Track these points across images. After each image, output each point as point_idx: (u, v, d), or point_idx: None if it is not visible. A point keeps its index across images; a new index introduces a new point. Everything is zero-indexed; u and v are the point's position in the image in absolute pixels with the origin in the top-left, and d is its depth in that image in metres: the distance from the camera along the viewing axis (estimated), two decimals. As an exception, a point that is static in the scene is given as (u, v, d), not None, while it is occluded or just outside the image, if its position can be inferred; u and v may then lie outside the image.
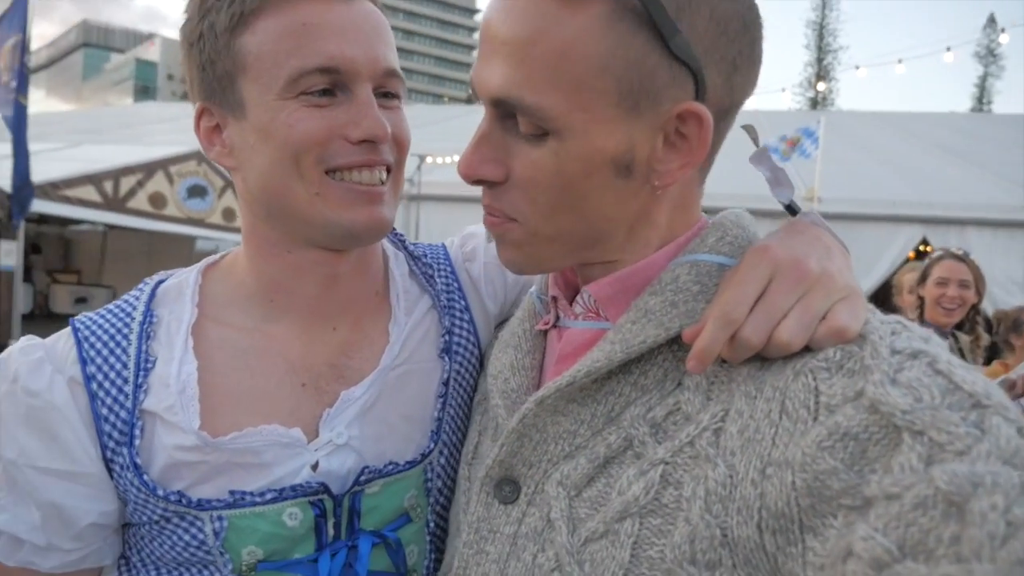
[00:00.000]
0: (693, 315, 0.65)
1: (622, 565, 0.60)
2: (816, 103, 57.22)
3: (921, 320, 2.95)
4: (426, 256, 0.99)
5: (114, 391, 0.79)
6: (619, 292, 0.71)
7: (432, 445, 0.88)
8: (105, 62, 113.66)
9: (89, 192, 13.85)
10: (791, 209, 0.76)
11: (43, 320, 17.41)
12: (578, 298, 0.75)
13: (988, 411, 0.50)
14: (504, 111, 0.66)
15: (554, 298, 0.79)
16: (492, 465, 0.72)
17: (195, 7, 0.81)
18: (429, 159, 16.95)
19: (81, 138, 21.37)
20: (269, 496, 0.79)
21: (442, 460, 0.89)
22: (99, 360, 0.80)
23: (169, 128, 21.76)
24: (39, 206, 12.28)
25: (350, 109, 0.78)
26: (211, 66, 0.80)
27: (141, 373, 0.80)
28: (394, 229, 1.00)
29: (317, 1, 0.77)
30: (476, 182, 0.69)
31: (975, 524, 0.44)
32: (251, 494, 0.79)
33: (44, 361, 0.80)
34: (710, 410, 0.62)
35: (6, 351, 0.82)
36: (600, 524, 0.63)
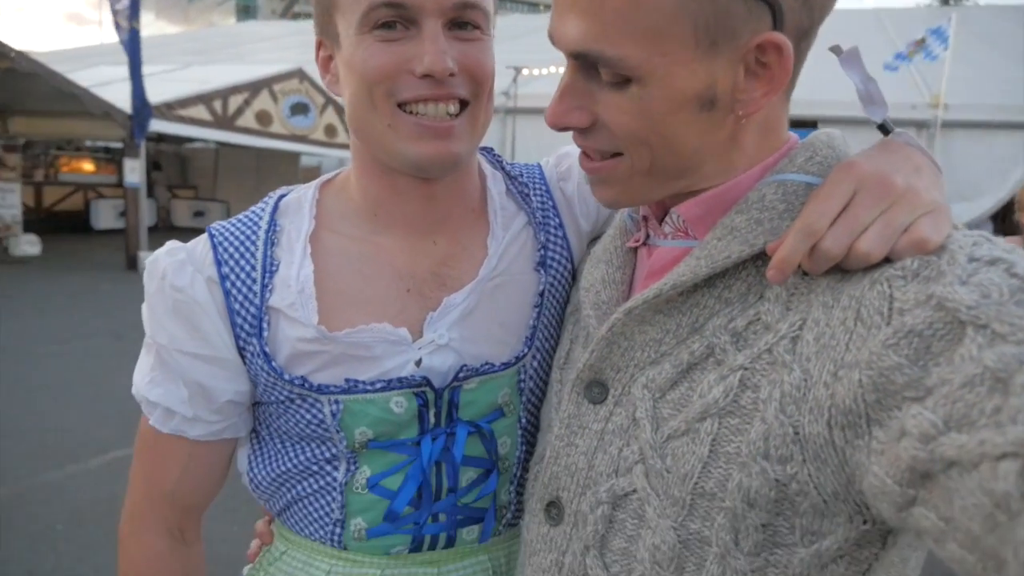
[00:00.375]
0: (777, 232, 0.66)
1: (701, 459, 0.64)
2: (947, -1, 51.86)
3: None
4: (522, 176, 1.02)
5: (244, 289, 0.88)
6: (707, 212, 0.72)
7: (526, 350, 0.93)
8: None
9: (200, 111, 14.47)
10: (884, 128, 0.74)
11: (165, 232, 18.61)
12: (667, 218, 0.77)
13: None
14: (585, 62, 0.67)
15: (644, 217, 0.81)
16: (583, 368, 0.76)
17: None
18: (525, 71, 16.65)
19: (190, 59, 22.17)
20: (379, 385, 0.87)
21: (535, 364, 0.95)
22: (231, 262, 0.89)
23: (270, 47, 22.23)
24: (156, 126, 12.96)
25: (417, 43, 0.80)
26: (319, 3, 0.86)
27: (267, 275, 0.88)
28: (491, 150, 1.04)
29: None
30: (563, 129, 0.71)
31: (1016, 394, 0.45)
32: (363, 383, 0.87)
33: (186, 262, 0.89)
34: (788, 319, 0.63)
35: (155, 253, 0.92)
36: (682, 423, 0.67)
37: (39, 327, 7.74)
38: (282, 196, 0.96)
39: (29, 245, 13.17)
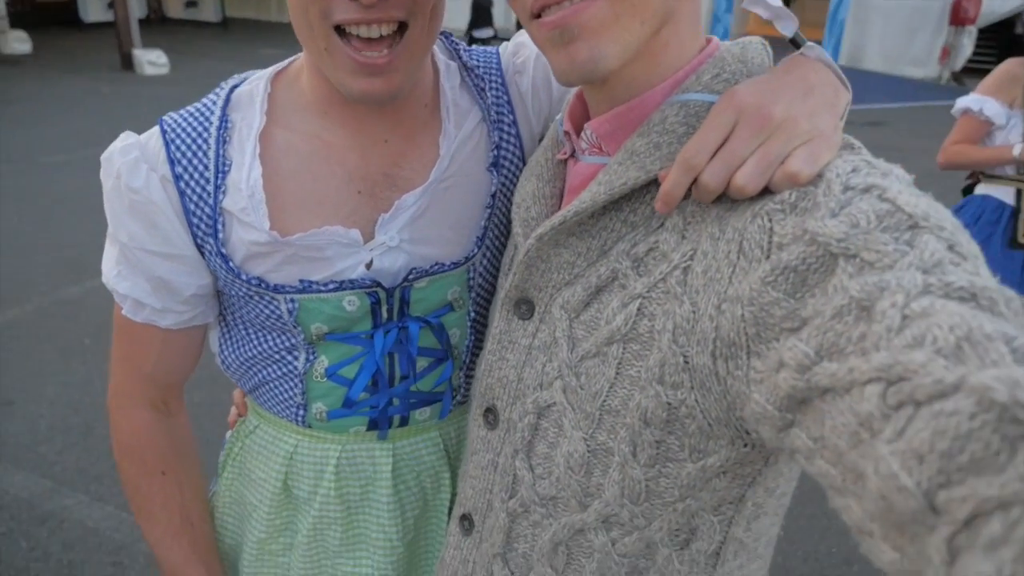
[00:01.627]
0: (673, 158, 0.66)
1: (609, 380, 0.69)
2: None
3: None
4: (479, 67, 0.97)
5: (199, 189, 0.88)
6: (617, 128, 0.72)
7: (476, 250, 0.94)
8: None
9: None
10: (795, 42, 0.72)
11: (158, 25, 17.75)
12: (582, 134, 0.76)
13: (922, 230, 0.52)
14: None
15: (567, 132, 0.79)
16: (509, 288, 0.79)
17: None
18: None
19: None
20: (331, 286, 0.89)
21: (484, 263, 0.97)
22: (184, 161, 0.88)
23: None
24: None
25: None
26: None
27: (219, 175, 0.88)
28: (449, 34, 0.98)
29: None
30: None
31: (877, 321, 0.47)
32: (316, 283, 0.89)
33: (140, 160, 0.88)
34: (681, 249, 0.65)
35: (107, 150, 0.90)
36: (592, 346, 0.71)
37: (40, 135, 7.69)
38: (234, 87, 0.93)
39: (19, 43, 12.67)
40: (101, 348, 3.77)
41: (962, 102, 2.68)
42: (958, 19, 13.98)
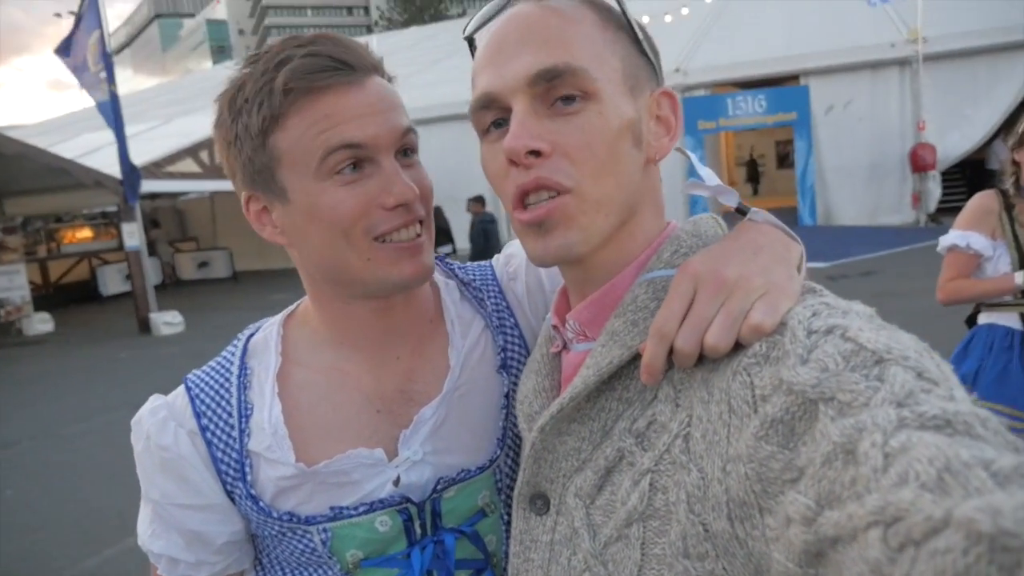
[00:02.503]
0: None
1: (636, 563, 0.67)
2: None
3: (1017, 186, 2.67)
4: (475, 280, 1.06)
5: (224, 437, 0.92)
6: (596, 314, 0.77)
7: (498, 451, 0.96)
8: (179, 29, 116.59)
9: (189, 164, 14.60)
10: (740, 211, 0.80)
11: (173, 288, 18.82)
12: (567, 324, 0.81)
13: (888, 363, 0.54)
14: (542, 89, 0.71)
15: (554, 326, 0.84)
16: (522, 485, 0.79)
17: (226, 109, 0.88)
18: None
19: (172, 111, 22.34)
20: (362, 509, 0.90)
21: (508, 463, 0.98)
22: (209, 413, 0.93)
23: (248, 86, 22.29)
24: (148, 186, 13.08)
25: (379, 180, 0.85)
26: (250, 163, 0.87)
27: (243, 419, 0.92)
28: (442, 257, 1.08)
29: (334, 93, 0.84)
30: (527, 155, 0.71)
31: (862, 463, 0.48)
32: (347, 508, 0.90)
33: (168, 419, 0.92)
34: (678, 418, 0.67)
35: (138, 414, 0.95)
36: (613, 530, 0.69)
37: (61, 408, 7.86)
38: (250, 336, 1.00)
39: (42, 323, 13.36)
40: (120, 621, 3.57)
41: (947, 240, 2.75)
42: (919, 167, 14.85)
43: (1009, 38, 14.24)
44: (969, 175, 15.99)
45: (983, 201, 2.75)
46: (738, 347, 0.63)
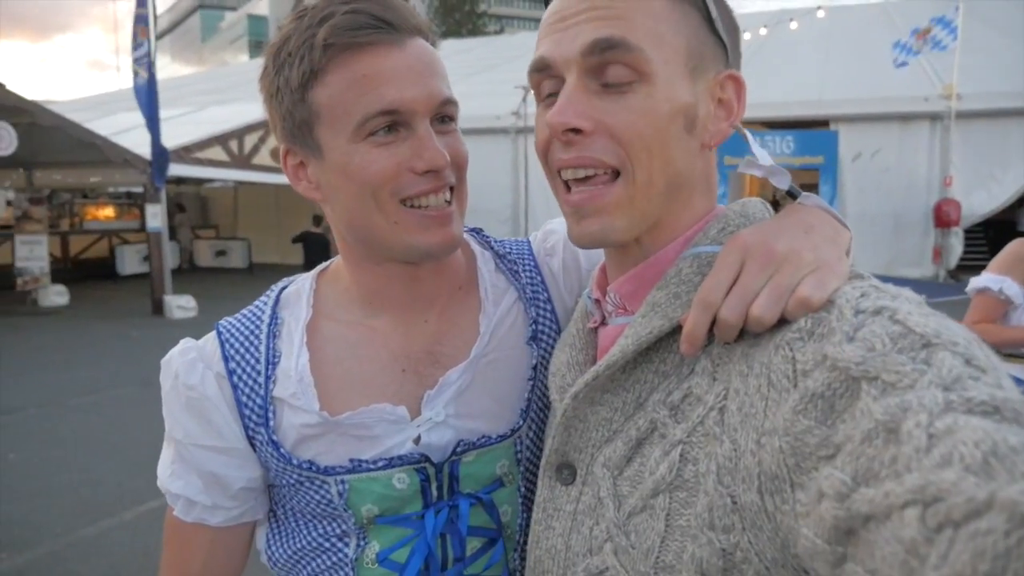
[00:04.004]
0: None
1: (659, 534, 0.68)
2: (955, -16, 50.92)
3: None
4: (511, 253, 1.07)
5: (250, 382, 0.93)
6: (638, 287, 0.78)
7: (521, 422, 0.96)
8: (220, 21, 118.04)
9: (217, 152, 14.73)
10: (791, 194, 0.81)
11: (190, 273, 18.93)
12: (607, 297, 0.81)
13: (937, 347, 0.53)
14: (596, 63, 0.71)
15: (596, 300, 0.84)
16: (549, 454, 0.80)
17: (271, 62, 0.89)
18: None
19: (206, 100, 22.60)
20: (381, 464, 0.91)
21: (531, 434, 0.98)
22: (237, 357, 0.94)
23: (283, 82, 22.49)
24: (175, 169, 13.20)
25: (413, 144, 0.86)
26: (290, 116, 0.88)
27: (270, 367, 0.94)
28: (480, 230, 1.10)
29: (374, 53, 0.84)
30: (567, 132, 0.72)
31: (905, 442, 0.48)
32: (366, 462, 0.91)
33: (197, 360, 0.95)
34: (714, 390, 0.67)
35: (169, 354, 0.98)
36: (639, 500, 0.70)
37: (69, 379, 7.91)
38: (283, 288, 1.02)
39: (57, 296, 13.46)
40: (111, 591, 3.58)
41: (979, 281, 2.75)
42: (942, 222, 14.77)
43: (1044, 102, 14.20)
44: (992, 235, 15.89)
45: (1018, 248, 2.76)
46: (781, 323, 0.63)
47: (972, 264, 13.85)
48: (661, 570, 0.67)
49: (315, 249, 12.60)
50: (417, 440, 0.93)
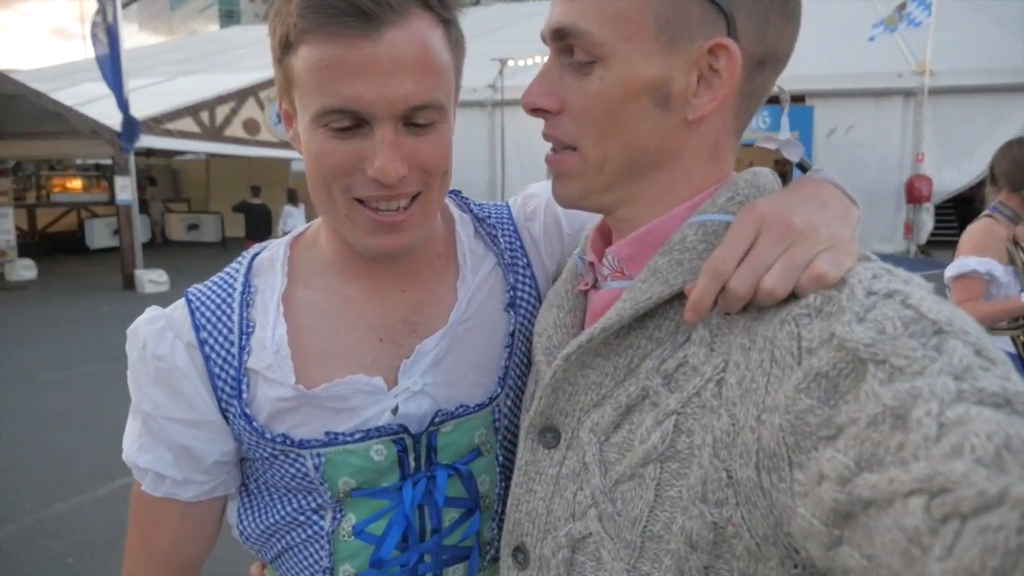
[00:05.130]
0: (696, 272, 0.69)
1: (648, 503, 0.67)
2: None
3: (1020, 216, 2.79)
4: (490, 217, 1.05)
5: (223, 353, 0.90)
6: (638, 251, 0.76)
7: (499, 390, 0.95)
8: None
9: (188, 124, 14.43)
10: (802, 167, 0.80)
11: (162, 247, 18.63)
12: (604, 260, 0.80)
13: (948, 335, 0.53)
14: (562, 46, 0.73)
15: (591, 263, 0.83)
16: (534, 416, 0.79)
17: (272, 8, 0.85)
18: (511, 62, 16.54)
19: (175, 70, 22.08)
20: (358, 436, 0.89)
21: (508, 403, 0.97)
22: (209, 327, 0.91)
23: (255, 52, 22.15)
24: (145, 141, 12.93)
25: (369, 145, 0.81)
26: (278, 68, 0.85)
27: (243, 337, 0.90)
28: (459, 192, 1.07)
29: (339, 43, 0.78)
30: (534, 111, 0.76)
31: (913, 429, 0.47)
32: (343, 434, 0.89)
33: (166, 329, 0.90)
34: (712, 362, 0.66)
35: (135, 323, 0.93)
36: (627, 468, 0.70)
37: (39, 354, 7.78)
38: (256, 255, 0.99)
39: (25, 270, 13.20)
40: (86, 567, 3.56)
41: (967, 265, 2.78)
42: (914, 198, 14.97)
43: (1014, 79, 14.36)
44: (962, 211, 16.15)
45: (989, 227, 2.82)
46: (788, 298, 0.63)
47: (942, 240, 14.10)
48: (648, 539, 0.67)
49: (256, 221, 12.23)
50: (395, 410, 0.91)
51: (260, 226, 12.04)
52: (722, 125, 0.74)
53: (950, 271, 2.84)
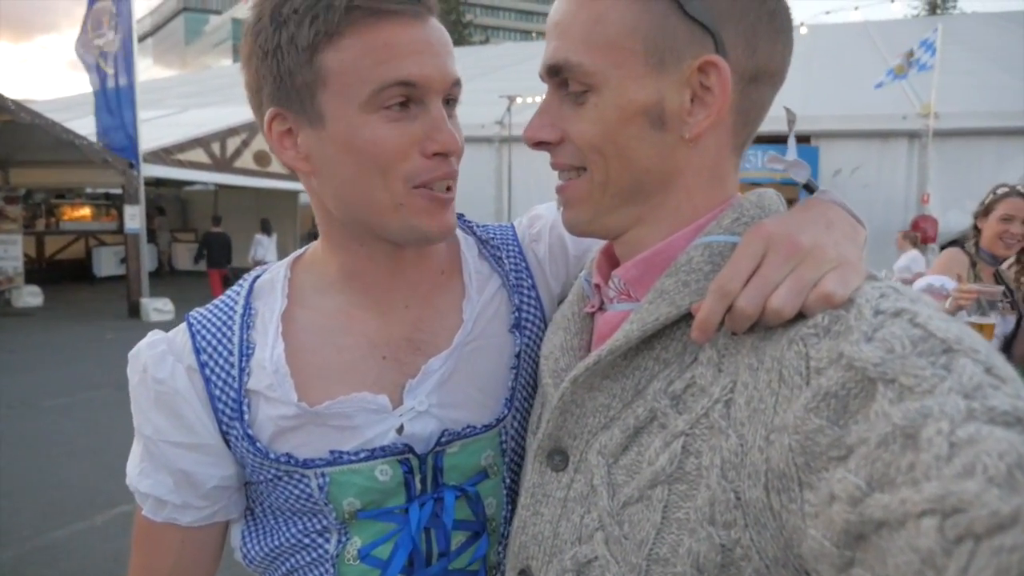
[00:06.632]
0: (703, 293, 0.69)
1: (655, 525, 0.66)
2: (935, 7, 51.69)
3: (977, 249, 3.28)
4: (495, 238, 1.06)
5: (223, 375, 0.90)
6: (644, 273, 0.76)
7: (506, 411, 0.94)
8: (204, 25, 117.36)
9: (199, 155, 14.60)
10: (809, 188, 0.81)
11: (168, 276, 18.74)
12: (610, 282, 0.80)
13: (957, 354, 0.52)
14: (558, 81, 0.75)
15: (596, 285, 0.84)
16: (542, 438, 0.79)
17: (268, 16, 0.82)
18: (519, 99, 16.76)
19: (187, 102, 22.43)
20: (363, 455, 0.88)
21: (515, 424, 0.96)
22: (209, 350, 0.91)
23: (267, 86, 22.40)
24: (155, 171, 13.09)
25: (425, 123, 0.83)
26: (290, 77, 0.82)
27: (244, 359, 0.90)
28: (462, 215, 1.07)
29: (398, 22, 0.81)
30: (537, 144, 0.79)
31: (924, 449, 0.47)
32: (347, 453, 0.88)
33: (167, 353, 0.91)
34: (720, 382, 0.66)
35: (136, 346, 0.93)
36: (635, 490, 0.69)
37: (43, 380, 7.77)
38: (256, 277, 0.98)
39: (31, 296, 13.25)
40: (80, 596, 3.50)
41: (924, 282, 3.20)
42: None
43: (1018, 122, 14.48)
44: (967, 252, 16.14)
45: (954, 254, 3.35)
46: (796, 317, 0.62)
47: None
48: (654, 563, 0.65)
49: (217, 248, 13.02)
50: (400, 430, 0.90)
51: (221, 253, 12.71)
52: (721, 143, 0.75)
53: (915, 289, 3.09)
